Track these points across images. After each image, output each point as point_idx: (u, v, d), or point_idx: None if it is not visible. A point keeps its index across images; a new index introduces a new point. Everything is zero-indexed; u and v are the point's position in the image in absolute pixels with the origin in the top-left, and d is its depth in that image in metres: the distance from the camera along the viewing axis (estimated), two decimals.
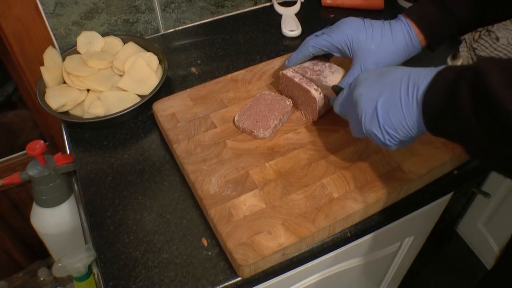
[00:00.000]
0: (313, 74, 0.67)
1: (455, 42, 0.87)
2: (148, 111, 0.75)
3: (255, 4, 0.98)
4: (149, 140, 0.72)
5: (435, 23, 0.63)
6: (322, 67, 0.69)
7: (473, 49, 0.85)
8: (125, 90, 0.76)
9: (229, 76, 0.76)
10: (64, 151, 0.76)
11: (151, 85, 0.75)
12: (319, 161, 0.63)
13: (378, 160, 0.62)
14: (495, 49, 0.83)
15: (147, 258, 0.57)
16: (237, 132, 0.67)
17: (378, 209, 0.61)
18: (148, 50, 0.82)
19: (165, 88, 0.79)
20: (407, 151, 0.62)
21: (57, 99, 0.74)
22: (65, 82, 0.78)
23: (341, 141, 0.65)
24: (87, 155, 0.70)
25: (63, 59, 0.79)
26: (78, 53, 0.81)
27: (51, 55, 0.78)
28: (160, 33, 0.92)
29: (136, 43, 0.83)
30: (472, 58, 0.84)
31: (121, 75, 0.78)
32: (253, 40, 0.90)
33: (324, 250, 0.59)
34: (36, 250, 1.33)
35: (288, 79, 0.68)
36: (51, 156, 0.77)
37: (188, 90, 0.74)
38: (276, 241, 0.54)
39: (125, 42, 0.83)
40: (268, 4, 0.99)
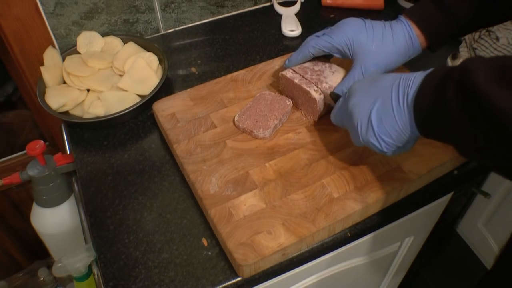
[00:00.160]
0: (313, 74, 0.67)
1: (455, 42, 0.87)
2: (148, 111, 0.75)
3: (255, 4, 0.98)
4: (149, 140, 0.72)
5: (436, 24, 0.63)
6: (322, 67, 0.68)
7: (473, 49, 0.85)
8: (125, 90, 0.76)
9: (229, 76, 0.76)
10: (64, 151, 0.76)
11: (151, 85, 0.75)
12: (319, 161, 0.63)
13: (378, 160, 0.62)
14: (495, 49, 0.83)
15: (147, 258, 0.57)
16: (237, 132, 0.67)
17: (378, 209, 0.61)
18: (148, 50, 0.82)
19: (165, 88, 0.79)
20: (407, 151, 0.62)
21: (57, 99, 0.74)
22: (65, 82, 0.78)
23: (341, 141, 0.65)
24: (87, 155, 0.70)
25: (63, 59, 0.80)
26: (78, 53, 0.81)
27: (51, 55, 0.78)
28: (160, 33, 0.92)
29: (136, 43, 0.83)
30: None
31: (121, 75, 0.78)
32: (253, 40, 0.90)
33: (324, 250, 0.59)
34: (36, 250, 1.33)
35: (288, 80, 0.68)
36: (51, 156, 0.77)
37: (188, 90, 0.74)
38: (276, 241, 0.54)
39: (125, 42, 0.84)
40: (268, 4, 0.99)
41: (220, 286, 0.55)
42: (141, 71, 0.76)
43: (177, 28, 0.93)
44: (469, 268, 1.46)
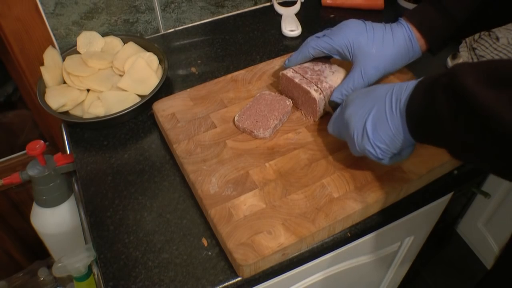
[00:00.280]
0: (314, 74, 0.67)
1: (455, 42, 0.87)
2: (148, 111, 0.75)
3: (255, 4, 0.98)
4: (149, 140, 0.72)
5: (436, 27, 0.63)
6: (322, 67, 0.68)
7: (473, 49, 0.85)
8: (125, 90, 0.76)
9: (229, 76, 0.76)
10: (64, 151, 0.76)
11: (151, 85, 0.75)
12: (319, 161, 0.63)
13: None
14: (495, 49, 0.83)
15: (147, 258, 0.57)
16: (237, 132, 0.67)
17: (378, 209, 0.61)
18: (148, 50, 0.82)
19: (165, 88, 0.79)
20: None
21: (57, 99, 0.74)
22: (65, 82, 0.78)
23: (341, 141, 0.65)
24: (87, 155, 0.70)
25: (63, 59, 0.80)
26: (78, 53, 0.81)
27: (51, 55, 0.78)
28: (160, 33, 0.92)
29: (136, 43, 0.83)
30: (472, 58, 0.84)
31: (121, 75, 0.78)
32: (253, 40, 0.90)
33: (324, 250, 0.59)
34: (36, 250, 1.33)
35: (288, 79, 0.68)
36: (51, 156, 0.77)
37: (188, 90, 0.74)
38: (276, 241, 0.54)
39: (125, 42, 0.83)
40: (268, 4, 0.99)
41: (220, 286, 0.55)
42: (141, 71, 0.76)
43: (177, 28, 0.93)
44: (469, 268, 1.46)
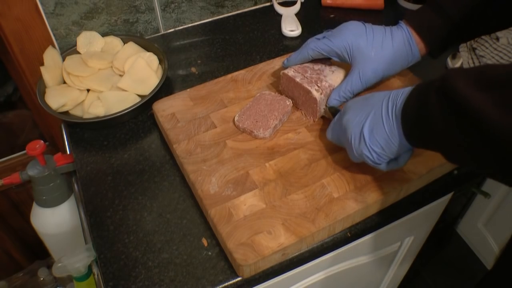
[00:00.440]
0: (313, 73, 0.67)
1: (456, 46, 0.87)
2: (148, 111, 0.75)
3: (255, 4, 0.98)
4: (149, 140, 0.72)
5: (436, 31, 0.63)
6: (322, 66, 0.69)
7: (473, 49, 0.85)
8: (125, 90, 0.76)
9: (229, 76, 0.76)
10: (64, 151, 0.76)
11: (151, 85, 0.75)
12: (319, 161, 0.63)
13: None
14: (495, 49, 0.83)
15: (147, 258, 0.57)
16: (237, 132, 0.67)
17: (378, 209, 0.61)
18: (148, 50, 0.82)
19: (165, 88, 0.79)
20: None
21: (57, 99, 0.74)
22: (65, 82, 0.78)
23: None
24: (87, 155, 0.70)
25: (63, 59, 0.80)
26: (78, 53, 0.81)
27: (51, 55, 0.78)
28: (160, 33, 0.92)
29: (136, 43, 0.83)
30: (472, 58, 0.84)
31: (121, 75, 0.78)
32: (253, 40, 0.90)
33: (324, 250, 0.59)
34: (36, 250, 1.33)
35: (289, 78, 0.68)
36: (51, 156, 0.77)
37: (188, 90, 0.74)
38: (276, 241, 0.54)
39: (125, 42, 0.83)
40: (268, 4, 0.99)
41: (220, 286, 0.55)
42: (141, 71, 0.76)
43: (177, 28, 0.93)
44: (469, 268, 1.46)
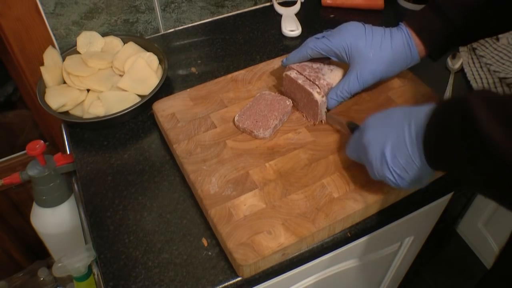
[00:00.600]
0: (312, 71, 0.67)
1: (456, 48, 0.87)
2: (148, 111, 0.75)
3: (255, 4, 0.98)
4: (149, 140, 0.72)
5: (436, 34, 0.63)
6: (321, 65, 0.69)
7: (473, 49, 0.85)
8: (125, 90, 0.76)
9: (229, 76, 0.76)
10: (64, 151, 0.76)
11: (151, 85, 0.75)
12: (319, 161, 0.63)
13: None
14: (495, 49, 0.83)
15: (147, 258, 0.57)
16: (237, 132, 0.67)
17: (378, 209, 0.61)
18: (148, 50, 0.82)
19: (165, 88, 0.79)
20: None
21: (57, 99, 0.74)
22: (65, 82, 0.78)
23: (341, 141, 0.65)
24: (87, 155, 0.70)
25: (63, 59, 0.80)
26: (78, 53, 0.81)
27: (51, 55, 0.78)
28: (160, 33, 0.92)
29: (136, 43, 0.83)
30: (472, 58, 0.84)
31: (121, 75, 0.78)
32: (253, 40, 0.90)
33: (324, 250, 0.59)
34: (36, 250, 1.33)
35: (292, 80, 0.68)
36: (51, 156, 0.77)
37: (188, 90, 0.74)
38: (276, 241, 0.54)
39: (125, 42, 0.84)
40: (268, 4, 0.99)
41: (220, 286, 0.55)
42: (141, 71, 0.76)
43: (177, 28, 0.93)
44: (469, 268, 1.46)
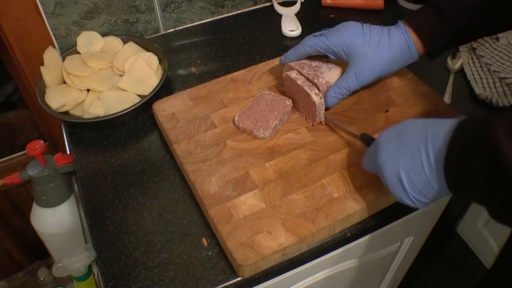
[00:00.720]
0: (310, 70, 0.67)
1: (455, 47, 0.87)
2: (148, 111, 0.75)
3: (255, 4, 0.98)
4: (149, 140, 0.72)
5: (435, 32, 0.63)
6: (319, 63, 0.69)
7: (473, 49, 0.85)
8: (125, 90, 0.76)
9: (229, 76, 0.76)
10: (64, 151, 0.76)
11: (151, 85, 0.75)
12: (319, 161, 0.63)
13: None
14: (495, 49, 0.83)
15: (147, 258, 0.57)
16: (237, 132, 0.67)
17: (378, 209, 0.61)
18: (148, 50, 0.82)
19: (165, 88, 0.79)
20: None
21: (57, 99, 0.74)
22: (65, 82, 0.78)
23: (341, 141, 0.65)
24: (87, 155, 0.70)
25: (63, 59, 0.80)
26: (78, 53, 0.81)
27: (51, 55, 0.78)
28: (160, 33, 0.92)
29: (136, 43, 0.83)
30: (472, 58, 0.84)
31: (121, 75, 0.78)
32: (253, 40, 0.90)
33: (324, 250, 0.59)
34: (36, 250, 1.33)
35: (292, 81, 0.68)
36: (51, 156, 0.77)
37: (188, 90, 0.74)
38: (276, 241, 0.54)
39: (125, 42, 0.83)
40: (268, 4, 0.99)
41: (220, 286, 0.55)
42: (141, 71, 0.76)
43: (177, 28, 0.93)
44: (469, 268, 1.46)
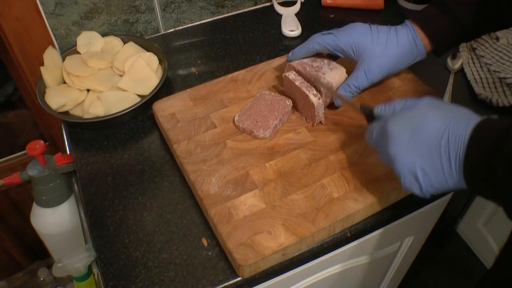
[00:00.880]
0: (312, 70, 0.67)
1: (457, 45, 0.87)
2: (148, 111, 0.75)
3: (255, 4, 0.98)
4: (149, 140, 0.72)
5: (441, 29, 0.64)
6: (321, 63, 0.69)
7: (473, 49, 0.85)
8: (125, 90, 0.76)
9: (229, 76, 0.76)
10: (64, 151, 0.76)
11: (151, 85, 0.75)
12: (319, 161, 0.63)
13: (378, 160, 0.62)
14: (495, 49, 0.83)
15: (147, 258, 0.57)
16: (237, 132, 0.67)
17: (378, 209, 0.61)
18: (148, 50, 0.82)
19: (165, 88, 0.79)
20: None
21: (57, 99, 0.74)
22: (65, 82, 0.78)
23: (341, 141, 0.65)
24: (87, 155, 0.70)
25: (63, 59, 0.79)
26: (78, 53, 0.81)
27: (51, 55, 0.78)
28: (160, 33, 0.92)
29: (136, 43, 0.83)
30: (472, 58, 0.84)
31: (121, 75, 0.78)
32: (253, 40, 0.90)
33: (324, 250, 0.59)
34: (36, 250, 1.33)
35: (290, 81, 0.68)
36: (51, 156, 0.77)
37: (188, 90, 0.74)
38: (276, 241, 0.54)
39: (125, 42, 0.83)
40: (268, 4, 0.99)
41: (220, 286, 0.55)
42: (141, 71, 0.76)
43: (177, 28, 0.93)
44: (469, 268, 1.46)
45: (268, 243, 0.54)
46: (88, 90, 0.77)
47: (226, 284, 0.55)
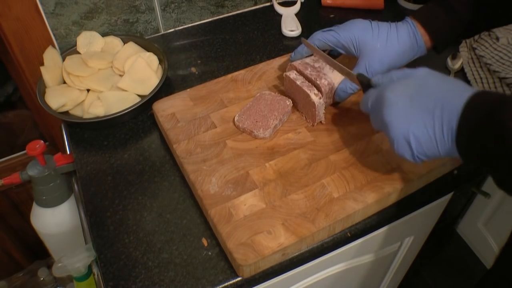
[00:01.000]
0: (313, 70, 0.67)
1: (457, 42, 0.87)
2: (148, 111, 0.75)
3: (255, 4, 0.98)
4: (149, 140, 0.72)
5: (441, 25, 0.64)
6: (322, 64, 0.69)
7: (473, 49, 0.85)
8: (125, 90, 0.76)
9: (229, 76, 0.76)
10: (64, 151, 0.76)
11: (151, 85, 0.75)
12: (319, 161, 0.63)
13: (378, 160, 0.62)
14: (495, 49, 0.83)
15: (147, 258, 0.57)
16: (237, 132, 0.67)
17: (378, 209, 0.61)
18: (148, 50, 0.82)
19: (165, 88, 0.79)
20: None
21: (57, 99, 0.74)
22: (65, 82, 0.78)
23: (341, 141, 0.65)
24: (87, 155, 0.70)
25: (63, 59, 0.79)
26: (78, 53, 0.81)
27: (51, 55, 0.78)
28: (160, 33, 0.92)
29: (136, 43, 0.83)
30: (472, 58, 0.84)
31: (121, 75, 0.78)
32: (253, 40, 0.90)
33: (324, 250, 0.59)
34: (36, 250, 1.33)
35: (291, 81, 0.68)
36: (51, 156, 0.77)
37: (188, 90, 0.74)
38: (276, 241, 0.54)
39: (125, 42, 0.83)
40: (268, 4, 0.99)
41: (220, 286, 0.55)
42: (141, 71, 0.76)
43: (177, 28, 0.93)
44: (469, 268, 1.46)
45: (268, 243, 0.54)
46: (88, 90, 0.77)
47: (226, 284, 0.55)
